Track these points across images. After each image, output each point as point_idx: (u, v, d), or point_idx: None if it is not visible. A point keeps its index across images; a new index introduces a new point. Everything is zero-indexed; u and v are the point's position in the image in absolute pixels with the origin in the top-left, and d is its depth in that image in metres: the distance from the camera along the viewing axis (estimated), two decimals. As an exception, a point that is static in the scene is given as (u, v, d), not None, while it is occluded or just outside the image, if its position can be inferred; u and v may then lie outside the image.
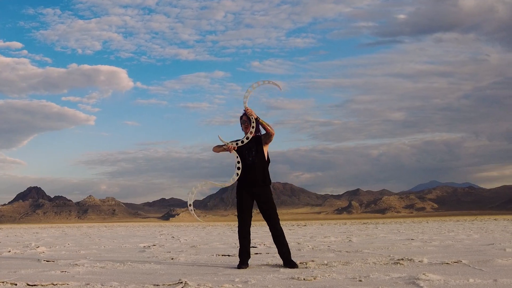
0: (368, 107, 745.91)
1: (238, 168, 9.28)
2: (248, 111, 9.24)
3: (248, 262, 9.24)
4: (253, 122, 9.24)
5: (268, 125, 9.20)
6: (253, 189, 9.24)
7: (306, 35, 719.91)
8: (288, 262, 9.01)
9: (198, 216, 9.96)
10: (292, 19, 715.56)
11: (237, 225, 9.29)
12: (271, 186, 9.34)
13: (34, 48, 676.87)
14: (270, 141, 9.33)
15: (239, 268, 8.90)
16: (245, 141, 9.31)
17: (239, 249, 9.23)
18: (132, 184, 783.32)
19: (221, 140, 9.44)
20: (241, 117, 9.49)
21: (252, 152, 9.29)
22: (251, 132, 9.26)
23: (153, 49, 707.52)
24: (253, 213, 9.34)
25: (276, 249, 9.51)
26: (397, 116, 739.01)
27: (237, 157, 9.32)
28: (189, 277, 7.81)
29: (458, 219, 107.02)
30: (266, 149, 9.34)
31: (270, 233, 10.17)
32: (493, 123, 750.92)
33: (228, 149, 9.32)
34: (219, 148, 9.49)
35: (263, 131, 9.43)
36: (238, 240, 9.65)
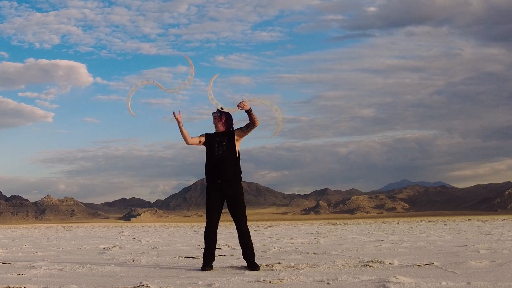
0: (337, 103, 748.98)
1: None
2: (243, 104, 9.23)
3: (213, 264, 9.23)
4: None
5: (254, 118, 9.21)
6: (223, 186, 9.19)
7: (273, 29, 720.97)
8: (251, 265, 9.02)
9: None
10: (258, 12, 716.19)
11: (204, 225, 9.34)
12: (242, 184, 9.32)
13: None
14: (249, 132, 9.30)
15: (203, 270, 8.89)
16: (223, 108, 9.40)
17: (204, 250, 9.21)
18: (91, 183, 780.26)
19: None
20: (213, 113, 9.52)
21: (223, 145, 9.28)
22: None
23: (114, 43, 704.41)
24: (222, 213, 9.33)
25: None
26: (367, 112, 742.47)
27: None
28: (151, 279, 7.79)
29: (430, 219, 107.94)
30: (238, 144, 9.32)
31: (235, 234, 10.19)
32: (467, 120, 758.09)
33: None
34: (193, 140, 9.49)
35: (235, 126, 9.46)
36: (203, 241, 9.64)
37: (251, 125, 9.24)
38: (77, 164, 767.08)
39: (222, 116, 9.45)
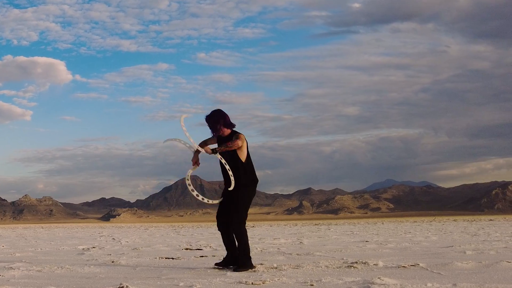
0: (321, 101, 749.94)
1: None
2: (206, 150, 9.26)
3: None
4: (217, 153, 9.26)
5: (227, 147, 9.18)
6: (228, 189, 9.28)
7: (255, 25, 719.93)
8: (236, 266, 9.06)
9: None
10: (240, 8, 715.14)
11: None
12: (247, 189, 9.27)
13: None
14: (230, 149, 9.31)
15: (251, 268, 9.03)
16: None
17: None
18: (70, 183, 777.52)
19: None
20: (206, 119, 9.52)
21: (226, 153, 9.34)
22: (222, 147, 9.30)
23: (93, 40, 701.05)
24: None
25: (223, 252, 9.48)
26: (351, 111, 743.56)
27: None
28: (131, 281, 7.77)
29: (416, 220, 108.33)
30: (241, 153, 9.26)
31: (217, 235, 10.20)
32: (453, 119, 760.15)
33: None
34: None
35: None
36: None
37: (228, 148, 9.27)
38: (55, 163, 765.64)
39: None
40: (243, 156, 9.24)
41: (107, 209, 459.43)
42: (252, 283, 7.37)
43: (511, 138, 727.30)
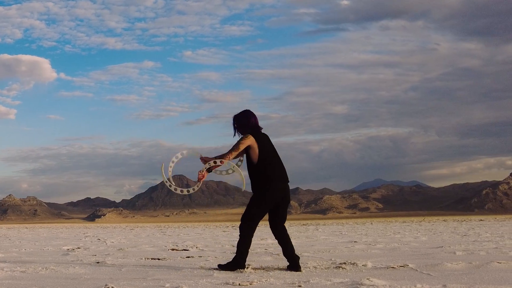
0: (309, 99, 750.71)
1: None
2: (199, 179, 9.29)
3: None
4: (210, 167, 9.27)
5: (217, 165, 9.17)
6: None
7: (242, 23, 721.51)
8: (225, 264, 9.10)
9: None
10: (228, 5, 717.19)
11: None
12: (259, 191, 9.15)
13: None
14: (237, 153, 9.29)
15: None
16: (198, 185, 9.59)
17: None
18: (55, 183, 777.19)
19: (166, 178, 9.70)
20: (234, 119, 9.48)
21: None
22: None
23: (78, 37, 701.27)
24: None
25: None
26: (340, 109, 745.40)
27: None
28: (116, 282, 7.75)
29: (405, 220, 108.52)
30: (252, 155, 9.19)
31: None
32: (443, 117, 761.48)
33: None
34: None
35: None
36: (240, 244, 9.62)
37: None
38: (40, 163, 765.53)
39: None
40: (254, 158, 9.12)
41: (92, 209, 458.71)
42: (239, 284, 7.37)
43: (502, 137, 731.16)
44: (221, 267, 9.05)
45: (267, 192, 9.05)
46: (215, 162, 9.07)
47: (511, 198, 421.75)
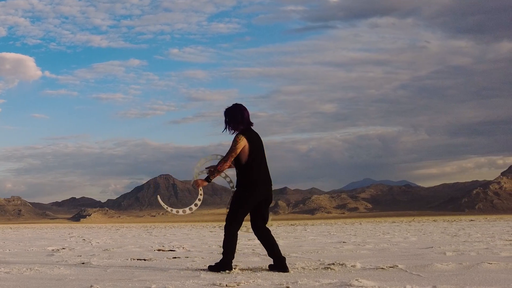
0: (297, 98, 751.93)
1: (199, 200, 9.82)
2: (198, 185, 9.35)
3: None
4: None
5: (219, 172, 9.21)
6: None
7: (230, 20, 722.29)
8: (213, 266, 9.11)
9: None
10: (215, 2, 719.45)
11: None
12: (245, 190, 9.17)
13: None
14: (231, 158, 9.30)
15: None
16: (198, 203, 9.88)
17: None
18: (39, 182, 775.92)
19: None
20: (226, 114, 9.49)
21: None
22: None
23: (63, 35, 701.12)
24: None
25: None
26: (328, 108, 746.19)
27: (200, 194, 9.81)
28: (102, 283, 7.74)
29: (394, 220, 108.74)
30: (242, 154, 9.20)
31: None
32: (433, 116, 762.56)
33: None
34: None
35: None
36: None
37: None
38: (24, 162, 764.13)
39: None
40: (243, 158, 9.15)
41: (77, 209, 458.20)
42: (226, 285, 7.36)
43: (493, 136, 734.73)
44: (210, 268, 9.06)
45: (251, 193, 9.13)
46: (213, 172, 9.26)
47: (502, 198, 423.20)
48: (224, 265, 8.99)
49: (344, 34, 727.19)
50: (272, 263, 9.19)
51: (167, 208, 9.81)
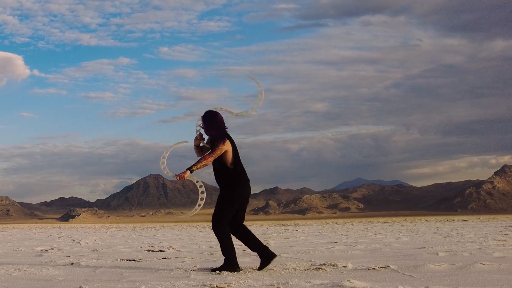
0: (288, 97, 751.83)
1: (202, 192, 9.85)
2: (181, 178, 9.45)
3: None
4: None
5: (202, 164, 9.35)
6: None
7: (220, 18, 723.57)
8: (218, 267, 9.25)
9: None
10: (205, 0, 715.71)
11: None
12: (233, 191, 9.38)
13: None
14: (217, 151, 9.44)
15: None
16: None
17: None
18: (28, 182, 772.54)
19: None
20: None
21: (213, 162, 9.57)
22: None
23: (52, 33, 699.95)
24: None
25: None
26: (320, 107, 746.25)
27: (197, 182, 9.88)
28: (91, 284, 7.74)
29: (386, 220, 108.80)
30: (227, 157, 9.34)
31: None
32: (425, 115, 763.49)
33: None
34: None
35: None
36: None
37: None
38: (13, 162, 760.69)
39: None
40: (228, 160, 9.40)
41: (66, 209, 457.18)
42: (216, 286, 7.37)
43: (486, 135, 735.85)
44: (219, 269, 9.08)
45: (238, 191, 9.40)
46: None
47: (495, 198, 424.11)
48: (232, 266, 9.11)
49: (335, 32, 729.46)
50: (260, 265, 9.31)
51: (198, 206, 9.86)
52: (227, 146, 9.33)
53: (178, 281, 7.96)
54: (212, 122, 9.52)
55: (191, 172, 9.31)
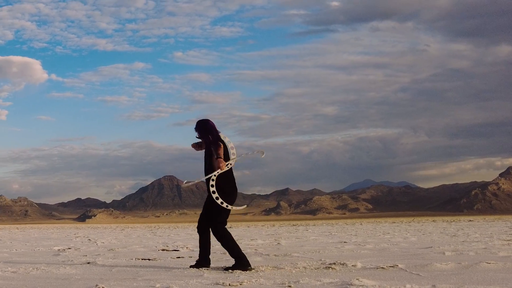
0: (299, 100, 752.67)
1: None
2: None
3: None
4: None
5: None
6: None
7: (233, 24, 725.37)
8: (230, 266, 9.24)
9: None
10: (218, 6, 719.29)
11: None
12: (226, 195, 9.36)
13: None
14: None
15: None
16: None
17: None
18: (46, 183, 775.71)
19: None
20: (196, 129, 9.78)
21: (206, 162, 9.62)
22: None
23: (69, 38, 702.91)
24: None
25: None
26: (330, 110, 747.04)
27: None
28: (107, 282, 7.73)
29: (394, 220, 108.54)
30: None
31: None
32: (432, 118, 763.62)
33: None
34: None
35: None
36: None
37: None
38: (31, 164, 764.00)
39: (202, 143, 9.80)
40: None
41: (82, 209, 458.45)
42: (229, 284, 7.35)
43: (491, 138, 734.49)
44: (232, 268, 9.08)
45: (233, 196, 9.52)
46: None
47: (500, 199, 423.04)
48: (243, 264, 9.12)
49: (345, 38, 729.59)
50: (195, 262, 9.64)
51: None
52: (222, 150, 9.37)
53: (191, 279, 7.95)
54: (205, 129, 9.57)
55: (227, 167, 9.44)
